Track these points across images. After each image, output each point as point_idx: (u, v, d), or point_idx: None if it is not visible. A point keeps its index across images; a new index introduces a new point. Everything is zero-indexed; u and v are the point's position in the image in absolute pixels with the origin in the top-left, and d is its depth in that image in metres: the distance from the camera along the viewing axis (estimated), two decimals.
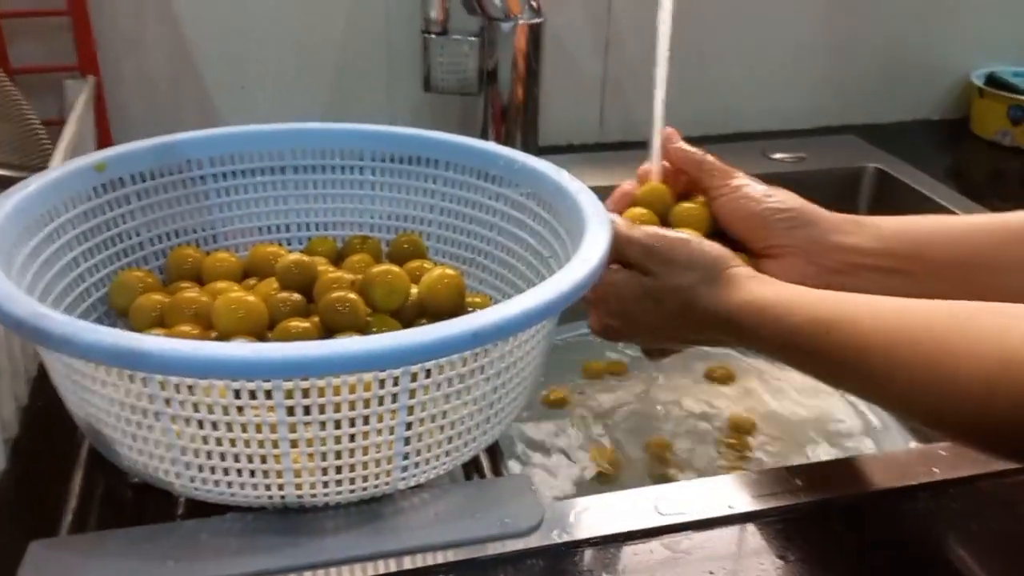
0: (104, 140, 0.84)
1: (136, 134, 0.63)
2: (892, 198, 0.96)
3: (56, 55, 0.83)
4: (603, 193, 0.59)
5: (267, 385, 0.42)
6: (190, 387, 0.42)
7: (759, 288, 0.52)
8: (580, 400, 0.80)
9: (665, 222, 0.61)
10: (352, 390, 0.43)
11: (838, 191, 0.98)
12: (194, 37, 0.88)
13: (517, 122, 0.92)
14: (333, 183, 0.68)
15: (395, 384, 0.44)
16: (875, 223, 0.58)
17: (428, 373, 0.44)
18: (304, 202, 0.68)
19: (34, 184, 0.55)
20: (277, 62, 0.91)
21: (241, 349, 0.40)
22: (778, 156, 0.98)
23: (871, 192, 0.99)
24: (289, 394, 0.42)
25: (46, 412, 0.58)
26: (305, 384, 0.42)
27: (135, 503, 0.53)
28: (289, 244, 0.68)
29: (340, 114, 0.67)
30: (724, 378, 0.83)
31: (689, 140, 1.04)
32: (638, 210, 0.61)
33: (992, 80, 1.07)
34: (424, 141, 0.66)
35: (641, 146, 0.67)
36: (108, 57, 0.84)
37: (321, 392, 0.43)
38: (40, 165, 0.71)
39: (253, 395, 0.42)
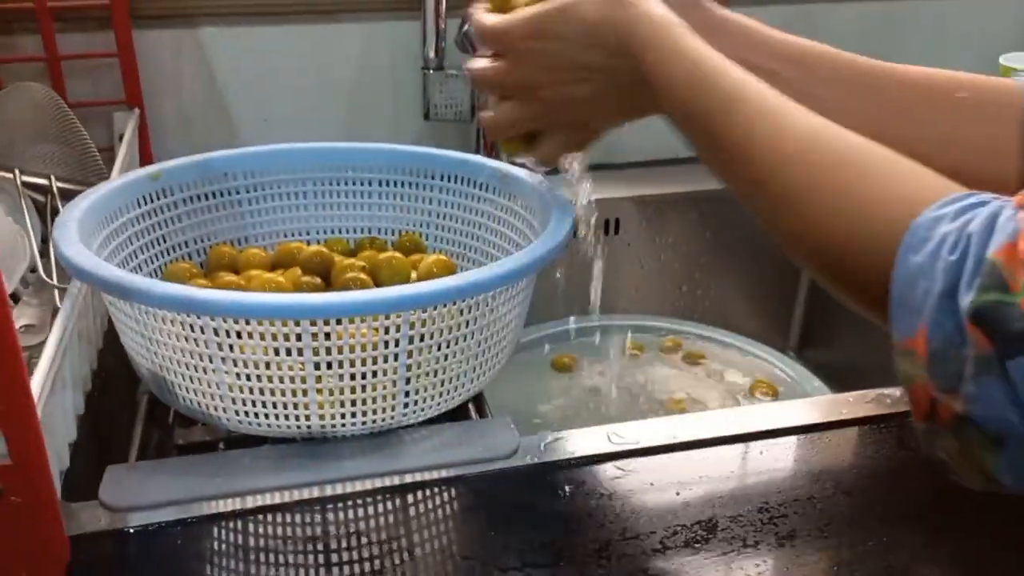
0: (146, 163, 0.97)
1: (173, 158, 0.75)
2: None
3: (105, 90, 0.96)
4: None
5: (298, 329, 0.54)
6: (239, 333, 0.54)
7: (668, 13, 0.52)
8: None
9: None
10: (363, 335, 0.55)
11: None
12: (224, 75, 1.00)
13: None
14: (346, 193, 0.80)
15: (397, 331, 0.56)
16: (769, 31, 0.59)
17: (424, 323, 0.56)
18: (321, 209, 0.80)
19: (104, 188, 0.68)
20: (296, 97, 1.03)
21: (280, 296, 0.52)
22: None
23: None
24: (315, 337, 0.54)
25: (111, 376, 0.70)
26: (327, 328, 0.54)
27: (183, 443, 0.64)
28: (309, 244, 0.80)
29: (351, 142, 0.80)
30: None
31: (659, 162, 1.16)
32: None
33: None
34: (423, 156, 0.78)
35: (615, 167, 0.80)
36: (150, 93, 0.97)
37: (339, 336, 0.54)
38: (98, 179, 0.83)
39: (287, 338, 0.54)
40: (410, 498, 0.57)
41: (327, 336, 0.54)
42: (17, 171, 0.78)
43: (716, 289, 1.08)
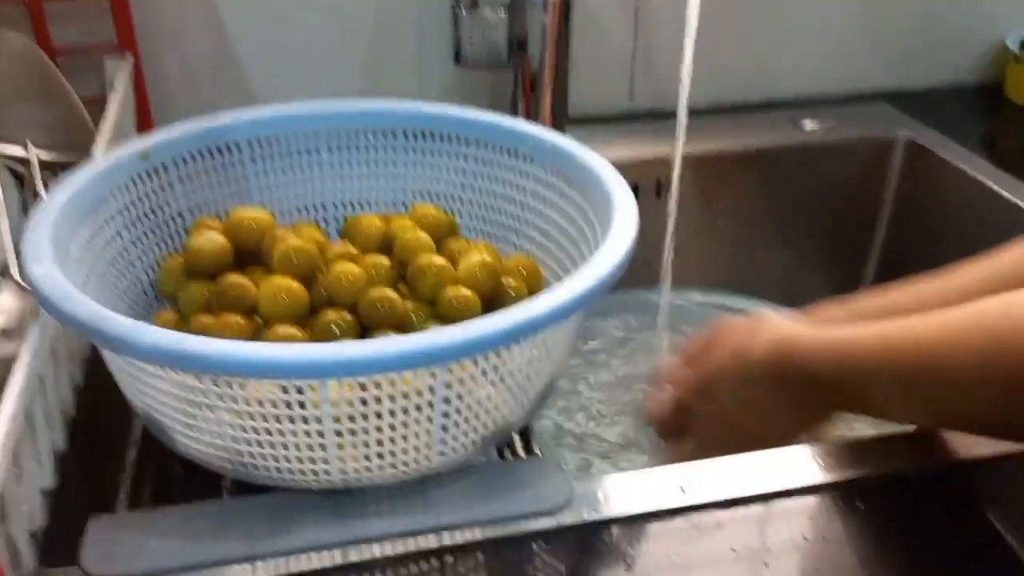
0: (144, 120, 0.86)
1: (177, 114, 0.65)
2: (923, 170, 0.96)
3: (96, 35, 0.85)
4: (634, 164, 0.59)
5: (315, 383, 0.44)
6: (241, 384, 0.45)
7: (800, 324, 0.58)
8: None
9: None
10: (392, 384, 0.45)
11: (868, 163, 0.99)
12: (232, 20, 0.89)
13: (546, 93, 0.93)
14: (367, 162, 0.69)
15: (433, 378, 0.46)
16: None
17: (464, 367, 0.47)
18: (339, 181, 0.69)
19: (84, 176, 0.57)
20: (311, 45, 0.92)
21: (289, 351, 0.42)
22: (808, 127, 0.99)
23: (902, 163, 0.99)
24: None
25: (100, 393, 0.61)
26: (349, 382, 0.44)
27: (184, 479, 0.56)
28: (326, 223, 0.70)
29: (372, 94, 0.69)
30: None
31: (720, 109, 1.04)
32: None
33: None
34: (454, 119, 0.67)
35: (670, 116, 0.68)
36: (148, 39, 0.85)
37: (363, 387, 0.45)
38: (85, 142, 0.72)
39: (300, 391, 0.45)
40: (448, 563, 0.49)
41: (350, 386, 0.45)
42: None
43: (776, 260, 0.97)
